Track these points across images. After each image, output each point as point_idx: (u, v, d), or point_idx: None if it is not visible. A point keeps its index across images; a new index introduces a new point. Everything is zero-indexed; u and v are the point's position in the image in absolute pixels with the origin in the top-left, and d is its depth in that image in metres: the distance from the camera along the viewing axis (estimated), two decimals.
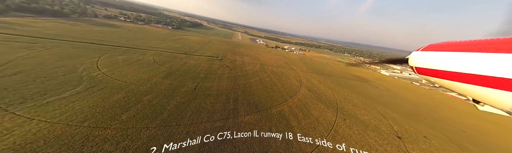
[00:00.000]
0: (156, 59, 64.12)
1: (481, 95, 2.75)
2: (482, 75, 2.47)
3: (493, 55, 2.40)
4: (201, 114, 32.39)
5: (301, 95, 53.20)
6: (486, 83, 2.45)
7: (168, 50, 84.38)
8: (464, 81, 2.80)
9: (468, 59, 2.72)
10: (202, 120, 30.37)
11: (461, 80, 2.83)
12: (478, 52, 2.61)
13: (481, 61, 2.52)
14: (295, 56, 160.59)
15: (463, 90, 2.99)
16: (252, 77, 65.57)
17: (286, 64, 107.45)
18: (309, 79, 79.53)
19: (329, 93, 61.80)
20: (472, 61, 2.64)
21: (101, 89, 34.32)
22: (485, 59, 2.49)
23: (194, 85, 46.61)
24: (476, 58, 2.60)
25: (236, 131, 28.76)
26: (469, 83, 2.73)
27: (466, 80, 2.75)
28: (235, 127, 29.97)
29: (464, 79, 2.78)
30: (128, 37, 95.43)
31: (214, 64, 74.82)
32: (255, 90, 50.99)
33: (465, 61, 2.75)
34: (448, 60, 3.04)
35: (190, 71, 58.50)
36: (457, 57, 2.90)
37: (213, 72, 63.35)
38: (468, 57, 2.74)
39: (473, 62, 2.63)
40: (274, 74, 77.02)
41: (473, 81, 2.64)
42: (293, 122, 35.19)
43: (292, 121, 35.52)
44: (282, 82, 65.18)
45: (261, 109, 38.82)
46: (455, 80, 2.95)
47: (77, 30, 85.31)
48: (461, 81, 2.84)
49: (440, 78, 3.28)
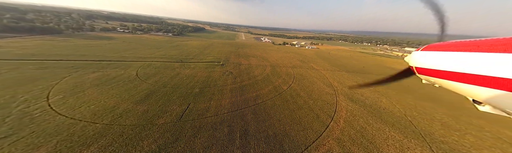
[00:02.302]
0: (140, 73, 51.01)
1: (481, 95, 2.68)
2: (482, 75, 2.40)
3: (493, 55, 2.33)
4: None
5: (345, 112, 35.20)
6: (486, 83, 2.40)
7: (161, 59, 71.78)
8: (464, 81, 2.73)
9: (468, 59, 2.65)
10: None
11: (461, 80, 2.76)
12: (477, 52, 2.54)
13: (481, 61, 2.45)
14: (309, 52, 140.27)
15: (463, 90, 2.91)
16: (264, 86, 49.31)
17: (303, 63, 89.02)
18: (341, 80, 60.46)
19: (385, 104, 41.32)
20: (472, 61, 2.58)
21: (18, 140, 20.72)
22: (485, 59, 2.42)
23: (182, 110, 31.76)
24: (476, 58, 2.54)
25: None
26: (469, 83, 2.65)
27: (466, 80, 2.67)
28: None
29: (464, 79, 2.71)
30: (118, 48, 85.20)
31: (214, 72, 60.00)
32: (272, 109, 34.64)
33: (465, 61, 2.67)
34: (448, 60, 2.97)
35: (182, 86, 44.10)
36: (457, 57, 2.83)
37: (213, 83, 48.37)
38: (468, 57, 2.67)
39: (473, 62, 2.57)
40: (291, 78, 59.81)
41: (473, 81, 2.57)
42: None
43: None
44: (306, 90, 47.79)
45: (290, 152, 22.38)
46: (455, 80, 2.88)
47: (61, 46, 76.71)
48: (461, 81, 2.77)
49: (440, 78, 3.23)
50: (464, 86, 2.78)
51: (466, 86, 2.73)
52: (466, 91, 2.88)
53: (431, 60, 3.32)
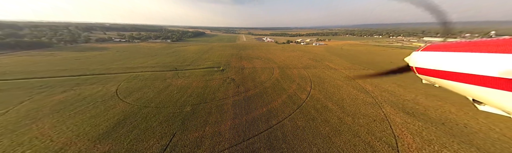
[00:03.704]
0: (121, 89, 41.31)
1: (481, 95, 2.68)
2: (482, 75, 2.39)
3: (493, 56, 2.33)
4: None
5: (410, 137, 22.72)
6: (486, 83, 2.40)
7: (152, 69, 62.40)
8: (464, 81, 2.72)
9: (468, 59, 2.64)
10: None
11: (461, 80, 2.75)
12: (477, 52, 2.53)
13: (481, 61, 2.45)
14: (318, 48, 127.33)
15: (463, 90, 2.91)
16: (276, 95, 37.99)
17: (315, 62, 76.71)
18: (375, 82, 47.43)
19: (459, 116, 27.44)
20: (472, 61, 2.57)
21: None
22: (484, 59, 2.41)
23: (161, 148, 21.05)
24: (476, 58, 2.53)
25: None
26: (469, 83, 2.64)
27: (466, 80, 2.66)
28: None
29: (464, 79, 2.70)
30: (106, 60, 77.08)
31: (213, 80, 49.46)
32: (295, 137, 23.27)
33: (465, 61, 2.67)
34: (448, 60, 2.96)
35: (169, 103, 33.74)
36: (457, 57, 2.82)
37: (210, 96, 37.73)
38: (468, 57, 2.66)
39: (473, 62, 2.56)
40: (308, 82, 47.97)
41: (473, 81, 2.57)
42: None
43: None
44: (334, 99, 35.87)
45: None
46: (455, 80, 2.87)
47: (43, 61, 69.45)
48: (461, 81, 2.76)
49: (440, 78, 3.21)
50: (464, 86, 2.78)
51: (466, 86, 2.72)
52: (466, 91, 2.88)
53: (431, 60, 3.31)
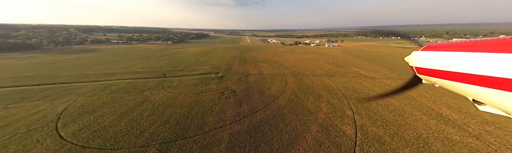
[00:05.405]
0: (72, 108, 28.72)
1: (481, 95, 2.70)
2: (482, 75, 2.40)
3: (493, 55, 2.33)
4: None
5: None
6: (486, 83, 2.40)
7: (134, 75, 50.13)
8: (464, 81, 2.75)
9: (468, 59, 2.66)
10: None
11: (461, 80, 2.78)
12: (478, 52, 2.54)
13: (481, 61, 2.45)
14: (334, 51, 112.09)
15: (463, 90, 2.94)
16: (300, 125, 24.04)
17: (338, 67, 61.98)
18: (449, 102, 31.53)
19: None
20: (472, 61, 2.58)
21: None
22: (485, 59, 2.42)
23: None
24: (476, 58, 2.54)
25: None
26: (469, 83, 2.66)
27: (466, 80, 2.69)
28: None
29: (464, 79, 2.73)
30: (88, 63, 65.83)
31: (207, 93, 36.11)
32: None
33: (465, 61, 2.69)
34: (448, 60, 2.98)
35: (125, 141, 20.54)
36: (457, 57, 2.85)
37: (196, 122, 24.33)
38: (468, 57, 2.67)
39: (473, 62, 2.57)
40: (342, 99, 33.53)
41: (473, 81, 2.59)
42: None
43: None
44: (406, 138, 21.25)
45: None
46: (455, 80, 2.90)
47: (13, 66, 59.08)
48: (461, 81, 2.79)
49: (440, 78, 3.22)
50: (464, 86, 2.78)
51: (466, 86, 2.73)
52: (466, 91, 2.91)
53: (431, 60, 3.30)
